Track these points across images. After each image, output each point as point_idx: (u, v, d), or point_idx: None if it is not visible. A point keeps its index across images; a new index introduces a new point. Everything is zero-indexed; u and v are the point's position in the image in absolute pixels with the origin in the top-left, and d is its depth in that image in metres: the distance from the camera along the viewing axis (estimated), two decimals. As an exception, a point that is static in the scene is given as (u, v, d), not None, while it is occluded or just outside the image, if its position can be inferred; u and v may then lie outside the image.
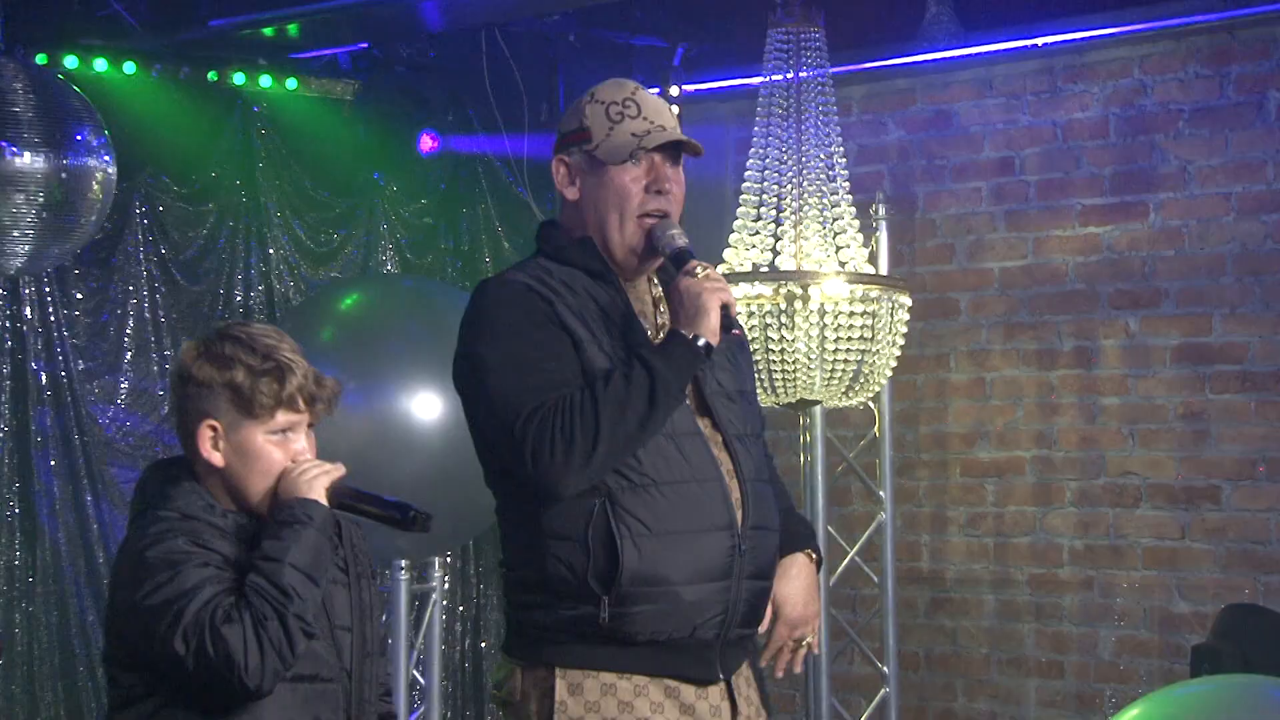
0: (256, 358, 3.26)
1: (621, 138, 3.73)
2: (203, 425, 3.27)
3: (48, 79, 6.20)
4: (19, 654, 6.87)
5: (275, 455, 3.29)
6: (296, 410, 3.29)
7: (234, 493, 3.30)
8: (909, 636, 7.58)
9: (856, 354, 6.56)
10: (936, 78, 7.67)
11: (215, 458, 3.28)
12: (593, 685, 3.61)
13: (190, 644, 3.08)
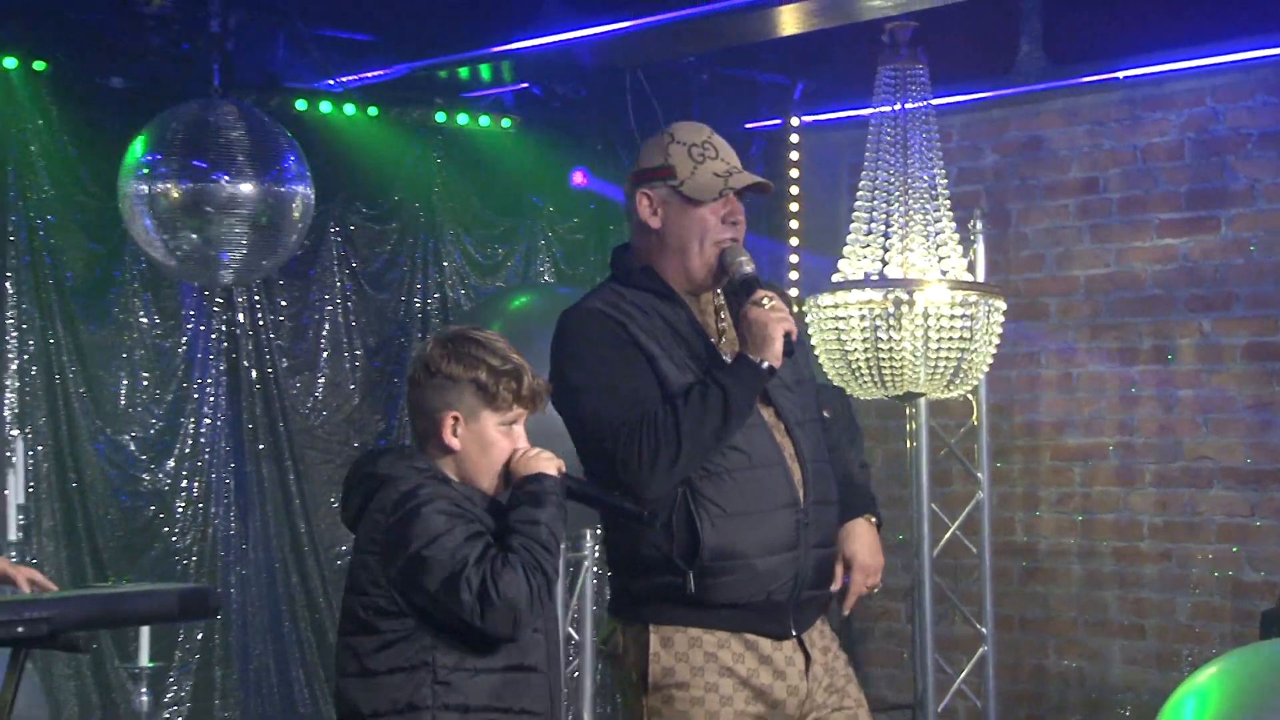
0: (497, 359, 3.36)
1: (706, 177, 3.81)
2: (447, 414, 3.35)
3: (257, 118, 6.31)
4: (234, 610, 7.04)
5: (504, 444, 3.38)
6: (525, 406, 3.40)
7: (463, 474, 3.38)
8: (1004, 601, 7.61)
9: (956, 352, 6.62)
10: (1028, 107, 7.71)
11: (454, 443, 3.35)
12: (681, 639, 3.72)
13: (473, 587, 3.16)
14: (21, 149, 6.78)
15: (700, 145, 3.86)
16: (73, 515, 6.83)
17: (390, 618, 3.28)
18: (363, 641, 3.33)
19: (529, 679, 3.35)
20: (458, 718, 3.25)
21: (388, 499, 3.31)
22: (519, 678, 3.32)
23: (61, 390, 6.84)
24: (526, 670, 3.34)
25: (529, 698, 3.34)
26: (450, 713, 3.24)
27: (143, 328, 7.08)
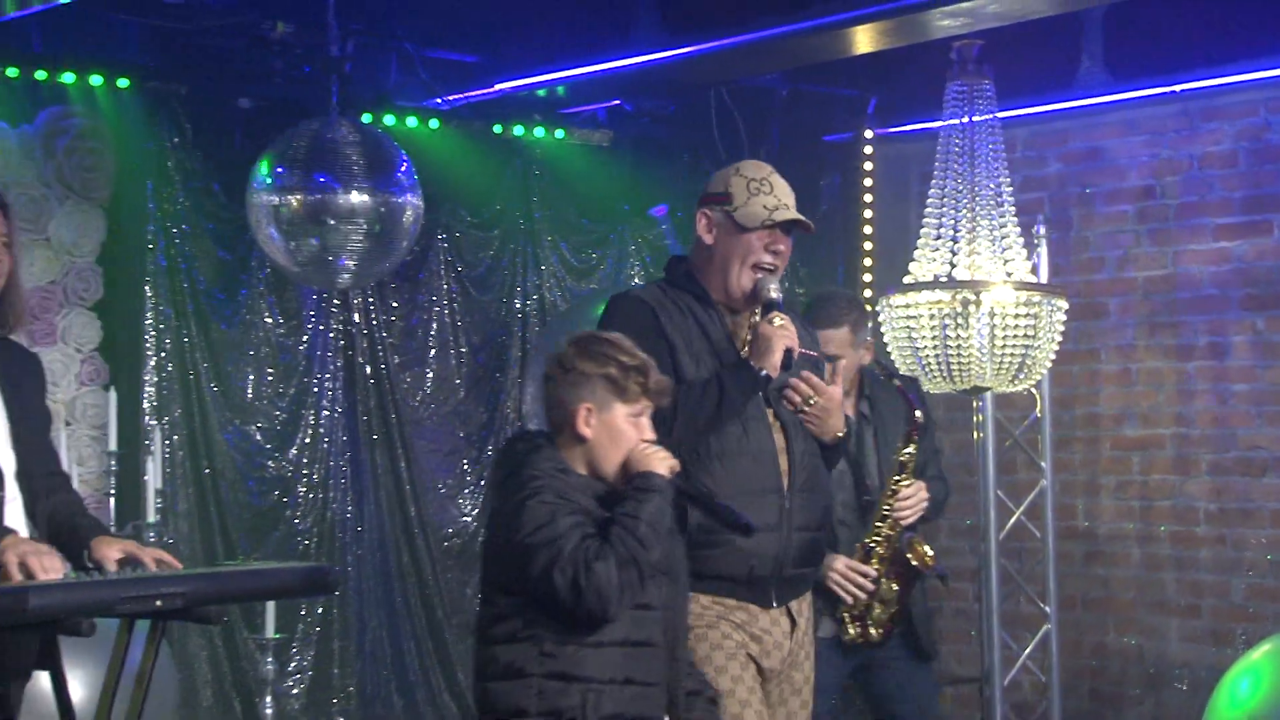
0: (626, 355, 3.50)
1: (756, 208, 4.11)
2: (581, 406, 3.47)
3: (372, 134, 6.40)
4: (351, 587, 7.12)
5: (631, 433, 3.49)
6: (651, 399, 3.51)
7: (592, 461, 3.49)
8: (1066, 582, 7.55)
9: (1021, 349, 6.59)
10: (1089, 119, 7.66)
11: (587, 432, 3.47)
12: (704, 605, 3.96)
13: (567, 575, 3.25)
14: (159, 165, 6.91)
15: (759, 181, 4.21)
16: (205, 499, 6.94)
17: (503, 593, 3.38)
18: (483, 612, 3.45)
19: (643, 653, 3.41)
20: (561, 686, 3.31)
21: (510, 486, 3.41)
22: (633, 652, 3.39)
23: (195, 384, 6.95)
24: (640, 645, 3.40)
25: (641, 670, 3.40)
26: (554, 681, 3.31)
27: (268, 327, 7.18)
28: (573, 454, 3.48)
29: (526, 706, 3.32)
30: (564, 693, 3.31)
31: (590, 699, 3.31)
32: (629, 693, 3.36)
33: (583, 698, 3.31)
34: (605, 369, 3.47)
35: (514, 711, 3.33)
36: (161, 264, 6.92)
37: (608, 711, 3.32)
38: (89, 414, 6.88)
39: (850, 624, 4.95)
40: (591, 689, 3.32)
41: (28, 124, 6.77)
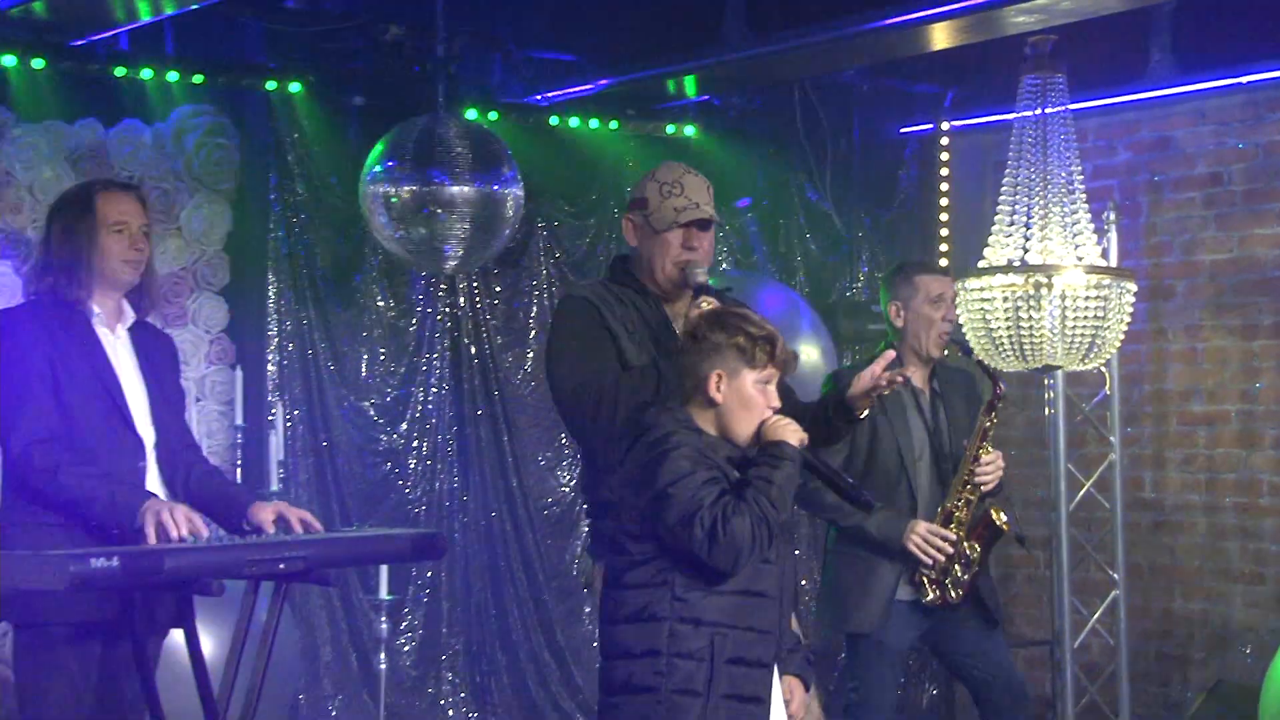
0: (754, 326, 3.54)
1: (667, 210, 4.19)
2: (712, 373, 3.50)
3: (477, 129, 6.40)
4: (458, 552, 7.15)
5: (759, 400, 3.52)
6: (777, 367, 3.54)
7: (722, 425, 3.52)
8: (1134, 551, 7.53)
9: (1091, 329, 6.56)
10: (1158, 110, 7.58)
11: (718, 397, 3.49)
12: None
13: (705, 526, 3.31)
14: (280, 158, 6.98)
15: (670, 184, 4.25)
16: (323, 470, 7.02)
17: (637, 541, 3.45)
18: (616, 561, 3.51)
19: (760, 603, 3.46)
20: (691, 629, 3.37)
21: (646, 442, 3.46)
22: (751, 601, 3.44)
23: (313, 363, 7.02)
24: (758, 595, 3.45)
25: (758, 618, 3.45)
26: (685, 624, 3.38)
27: (380, 310, 7.23)
28: (703, 418, 3.52)
29: (658, 647, 3.37)
30: (693, 635, 3.37)
31: (717, 641, 3.37)
32: (749, 638, 3.42)
33: (710, 640, 3.37)
34: (735, 338, 3.51)
35: (647, 651, 3.39)
36: (283, 251, 7.00)
37: (731, 654, 3.38)
38: (217, 390, 6.98)
39: (929, 586, 4.94)
40: (718, 632, 3.38)
41: (161, 122, 6.87)
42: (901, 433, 5.03)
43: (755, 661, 3.44)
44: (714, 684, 3.36)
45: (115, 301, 4.16)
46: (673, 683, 3.36)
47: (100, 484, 3.86)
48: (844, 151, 7.90)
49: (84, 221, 4.08)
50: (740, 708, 3.40)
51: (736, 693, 3.40)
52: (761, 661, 3.46)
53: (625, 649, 3.43)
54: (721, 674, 3.37)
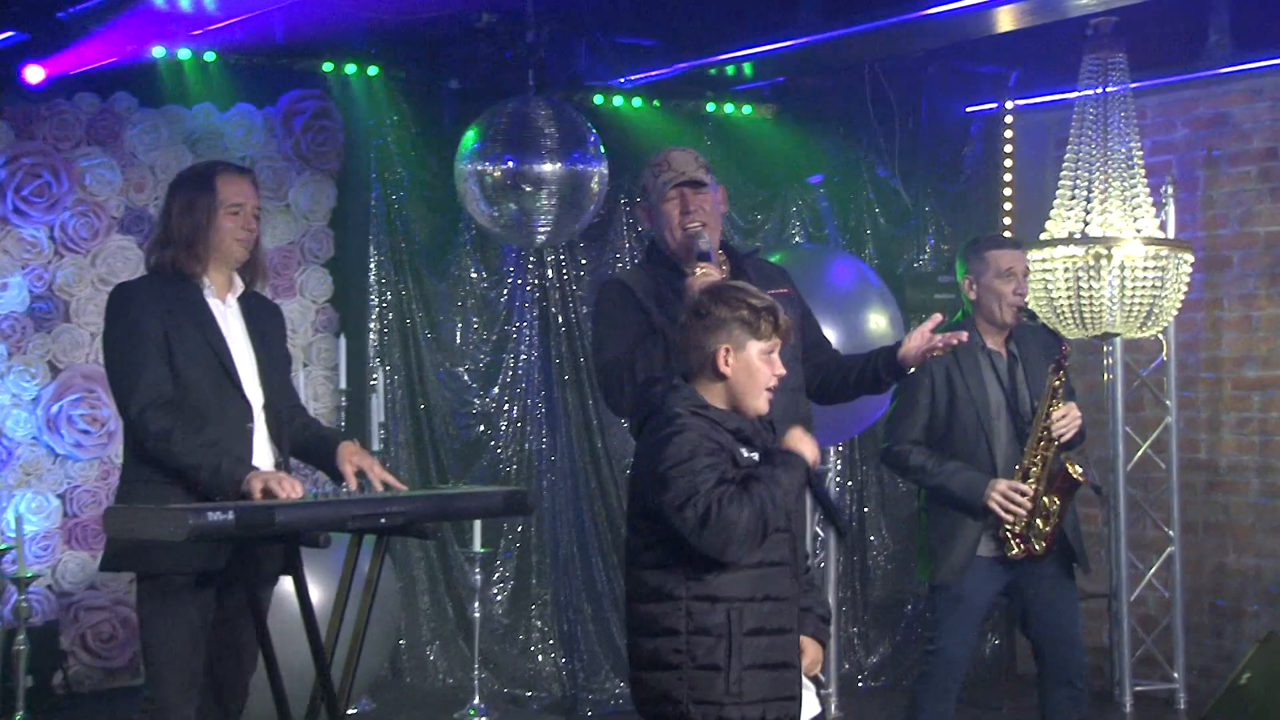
0: (755, 299, 3.41)
1: (659, 184, 4.33)
2: (720, 348, 3.37)
3: (564, 111, 6.38)
4: (546, 508, 7.19)
5: (765, 370, 3.40)
6: (781, 336, 3.42)
7: (731, 396, 3.40)
8: (1189, 509, 7.45)
9: (1148, 298, 6.50)
10: (1215, 88, 7.43)
11: (726, 370, 3.36)
12: None
13: (697, 510, 3.19)
14: (381, 139, 7.02)
15: (657, 165, 4.38)
16: (421, 431, 7.06)
17: (649, 520, 3.33)
18: (633, 540, 3.41)
19: (777, 571, 3.36)
20: (708, 606, 3.27)
21: (654, 423, 3.36)
22: (768, 572, 3.34)
23: (411, 331, 7.07)
24: (773, 565, 3.35)
25: (775, 587, 3.35)
26: (701, 602, 3.28)
27: (473, 281, 7.25)
28: (711, 392, 3.41)
29: (676, 626, 3.28)
30: (710, 612, 3.26)
31: (734, 616, 3.26)
32: (767, 608, 3.31)
33: (727, 615, 3.26)
34: (739, 312, 3.40)
35: (665, 630, 3.29)
36: (383, 226, 7.04)
37: (750, 626, 3.28)
38: (322, 357, 7.05)
39: (1013, 541, 4.92)
40: (734, 607, 3.27)
41: (271, 105, 6.93)
42: (978, 394, 5.00)
43: (776, 629, 3.33)
44: (734, 656, 3.25)
45: (226, 275, 4.20)
46: (694, 659, 3.26)
47: (209, 453, 3.90)
48: (911, 129, 7.82)
49: (203, 200, 4.12)
50: (768, 675, 3.30)
51: (761, 662, 3.29)
52: (783, 628, 3.35)
53: (646, 627, 3.34)
54: (742, 646, 3.26)
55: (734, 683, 3.24)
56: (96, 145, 6.60)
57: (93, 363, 6.47)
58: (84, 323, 6.53)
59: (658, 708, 3.32)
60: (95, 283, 6.53)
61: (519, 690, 6.99)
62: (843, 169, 7.96)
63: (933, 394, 5.03)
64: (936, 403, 5.03)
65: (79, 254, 6.57)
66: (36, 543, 6.41)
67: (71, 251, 6.56)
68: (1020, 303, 5.08)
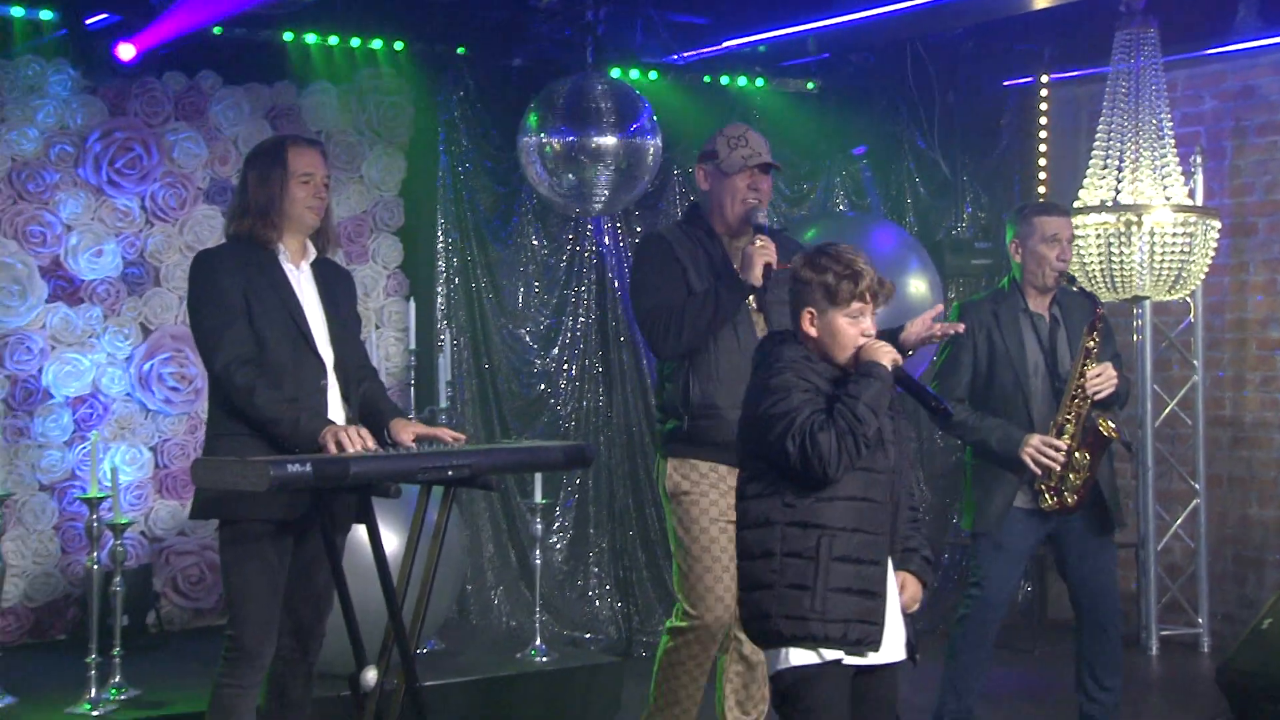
0: (841, 265, 3.44)
1: (736, 158, 4.44)
2: (804, 310, 3.47)
3: (621, 86, 6.35)
4: (602, 462, 7.17)
5: (850, 331, 3.45)
6: (864, 300, 3.45)
7: (823, 355, 3.48)
8: (1214, 463, 7.37)
9: (1177, 263, 6.40)
10: (1243, 61, 7.30)
11: (811, 331, 3.47)
12: (688, 466, 4.40)
13: (796, 441, 3.32)
14: (448, 114, 6.99)
15: (736, 137, 4.49)
16: (485, 389, 7.06)
17: (754, 458, 3.48)
18: (742, 476, 3.53)
19: (869, 507, 3.42)
20: (800, 531, 3.37)
21: (761, 371, 3.50)
22: (861, 505, 3.40)
23: (476, 295, 7.06)
24: (865, 500, 3.41)
25: (868, 522, 3.41)
26: (794, 527, 3.37)
27: (534, 248, 7.23)
28: (811, 347, 3.49)
29: (772, 548, 3.37)
30: (803, 537, 3.35)
31: (824, 542, 3.34)
32: (857, 539, 3.37)
33: (818, 541, 3.34)
34: (823, 277, 3.45)
35: (764, 553, 3.38)
36: (449, 196, 7.02)
37: (839, 554, 3.35)
38: (393, 319, 7.06)
39: (1047, 493, 4.89)
40: (825, 534, 3.34)
41: (346, 83, 6.92)
42: (1016, 354, 4.98)
43: (866, 560, 3.38)
44: (820, 578, 3.33)
45: (300, 241, 4.20)
46: (785, 578, 3.36)
47: (288, 408, 3.91)
48: (950, 104, 7.74)
49: (276, 171, 4.12)
50: (852, 600, 3.35)
51: (846, 587, 3.35)
52: (873, 560, 3.40)
53: (748, 551, 3.44)
54: (830, 570, 3.34)
55: (819, 600, 3.33)
56: (183, 120, 6.61)
57: (180, 324, 6.50)
58: (172, 287, 6.56)
59: (756, 625, 3.42)
60: (182, 249, 6.56)
61: (577, 632, 7.01)
62: (884, 141, 7.89)
63: (974, 353, 5.01)
64: (978, 362, 5.01)
65: (168, 222, 6.60)
66: (130, 492, 6.47)
67: (161, 220, 6.59)
68: (1063, 268, 5.03)
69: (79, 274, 6.43)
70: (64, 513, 6.37)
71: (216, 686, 4.06)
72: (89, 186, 6.43)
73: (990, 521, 4.96)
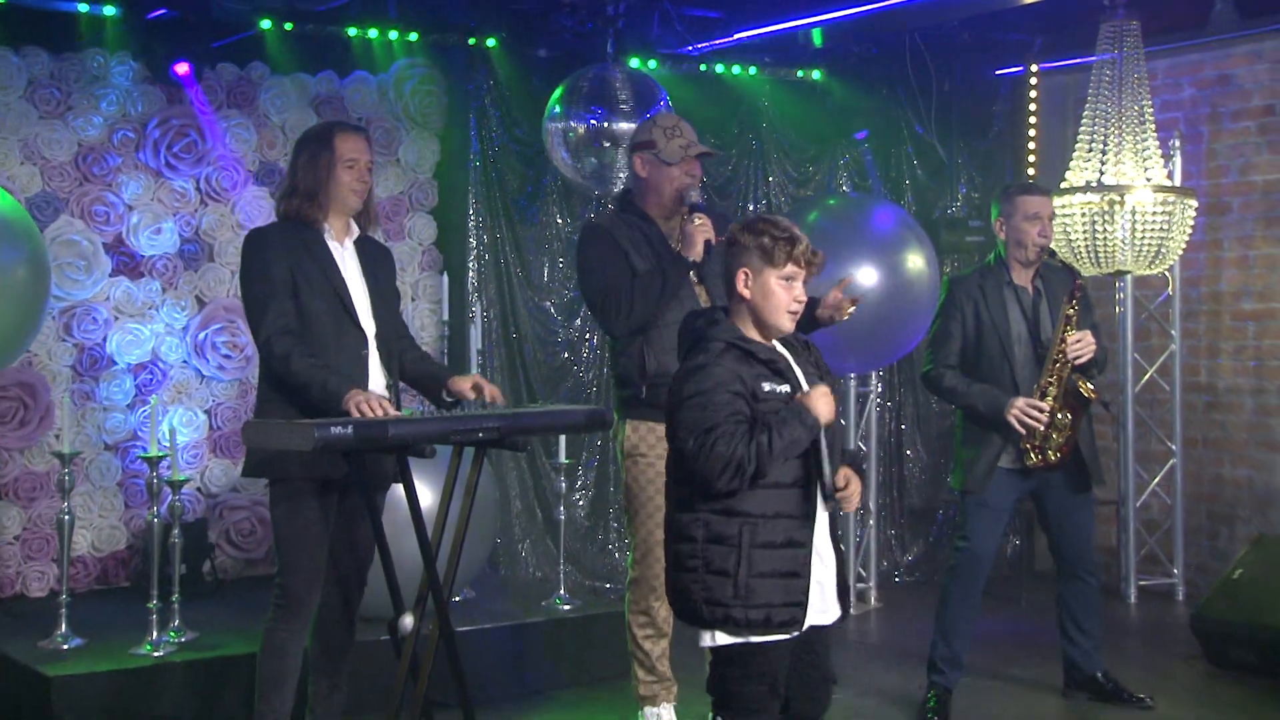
0: (778, 229, 3.30)
1: (674, 148, 4.39)
2: (740, 271, 3.31)
3: (639, 76, 6.31)
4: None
5: (782, 294, 3.29)
6: (798, 265, 3.30)
7: (757, 320, 3.32)
8: (1190, 426, 7.34)
9: (1156, 240, 6.35)
10: (1220, 51, 7.23)
11: (745, 293, 3.29)
12: (643, 427, 4.36)
13: (696, 442, 3.13)
14: (479, 101, 6.95)
15: (671, 127, 4.44)
16: (513, 356, 7.05)
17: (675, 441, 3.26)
18: (670, 456, 3.34)
19: (787, 492, 3.23)
20: (722, 519, 3.20)
21: (693, 352, 3.30)
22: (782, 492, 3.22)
23: (505, 269, 7.04)
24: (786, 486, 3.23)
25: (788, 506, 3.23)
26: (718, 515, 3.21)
27: (558, 226, 7.20)
28: (745, 321, 3.32)
29: (695, 534, 3.22)
30: (725, 524, 3.19)
31: (745, 530, 3.18)
32: (780, 524, 3.22)
33: (739, 529, 3.19)
34: (759, 240, 3.29)
35: (689, 537, 3.24)
36: (480, 178, 6.99)
37: (761, 540, 3.19)
38: (428, 292, 7.05)
39: (1031, 451, 4.89)
40: (747, 523, 3.19)
41: (384, 73, 6.90)
42: (1001, 324, 4.97)
43: (788, 543, 3.21)
44: (743, 565, 3.16)
45: (344, 221, 4.19)
46: (708, 564, 3.19)
47: (319, 372, 3.90)
48: (946, 92, 7.68)
49: (324, 156, 4.10)
50: (776, 584, 3.19)
51: (770, 570, 3.18)
52: (795, 542, 3.23)
53: (675, 533, 3.27)
54: (752, 557, 3.17)
55: (742, 588, 3.17)
56: (235, 108, 6.59)
57: (232, 297, 6.50)
58: (225, 262, 6.55)
59: (680, 604, 3.30)
60: (234, 227, 6.56)
61: (598, 582, 7.02)
62: (885, 126, 7.84)
63: (963, 324, 5.01)
64: (967, 332, 5.01)
65: (220, 203, 6.59)
66: (187, 451, 6.49)
67: (214, 201, 6.58)
68: (1044, 244, 5.01)
69: (139, 250, 6.43)
70: (127, 470, 6.40)
71: (267, 630, 4.08)
72: (149, 169, 6.43)
73: (977, 481, 4.96)
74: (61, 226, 6.23)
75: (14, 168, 6.15)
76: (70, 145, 6.27)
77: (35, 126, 6.18)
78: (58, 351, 6.25)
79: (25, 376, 6.15)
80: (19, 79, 6.14)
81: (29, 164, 6.19)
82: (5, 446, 6.12)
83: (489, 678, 5.32)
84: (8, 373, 6.03)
